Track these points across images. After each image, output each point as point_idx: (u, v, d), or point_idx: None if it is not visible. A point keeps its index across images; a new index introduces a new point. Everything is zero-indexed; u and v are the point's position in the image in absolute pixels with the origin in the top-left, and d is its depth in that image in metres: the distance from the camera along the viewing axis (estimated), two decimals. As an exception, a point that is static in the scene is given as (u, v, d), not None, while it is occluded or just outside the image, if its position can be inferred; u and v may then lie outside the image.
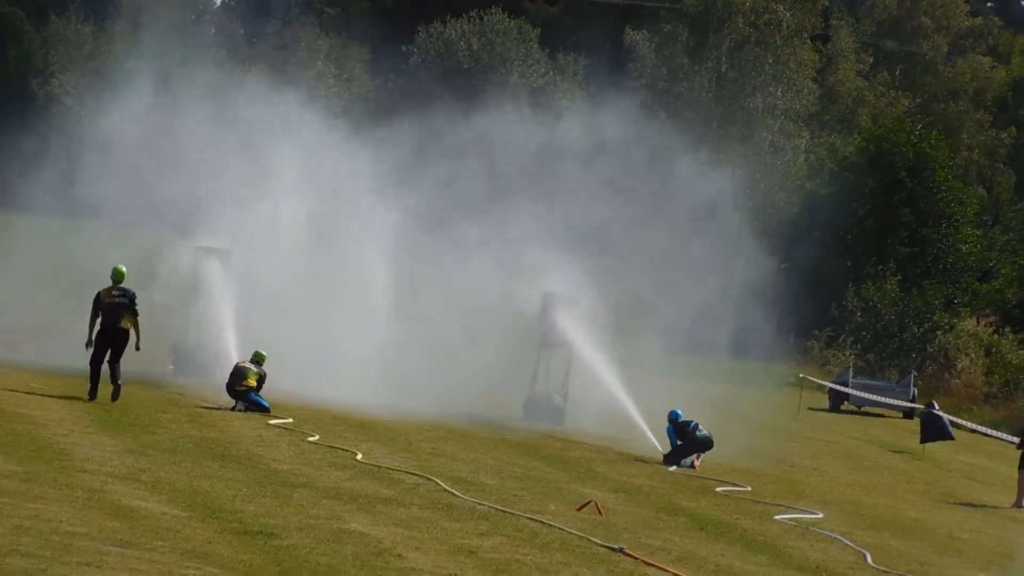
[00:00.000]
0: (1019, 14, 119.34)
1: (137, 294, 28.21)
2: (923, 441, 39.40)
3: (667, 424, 29.86)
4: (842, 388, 51.49)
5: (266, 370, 29.83)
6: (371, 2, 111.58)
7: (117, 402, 27.51)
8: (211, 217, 35.55)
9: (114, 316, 27.85)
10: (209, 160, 36.36)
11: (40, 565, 13.74)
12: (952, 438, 39.10)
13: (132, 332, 27.94)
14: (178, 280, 35.54)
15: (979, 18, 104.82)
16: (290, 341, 33.45)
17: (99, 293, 28.11)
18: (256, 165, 36.87)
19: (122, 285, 28.17)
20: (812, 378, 53.62)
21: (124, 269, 28.39)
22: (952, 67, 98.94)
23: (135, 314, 27.94)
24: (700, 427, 29.67)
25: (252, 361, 29.96)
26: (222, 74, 40.57)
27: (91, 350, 27.96)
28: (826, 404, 52.21)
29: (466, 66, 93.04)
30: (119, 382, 27.75)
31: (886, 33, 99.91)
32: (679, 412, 29.85)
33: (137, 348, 28.11)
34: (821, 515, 24.97)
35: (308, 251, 36.79)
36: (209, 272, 35.29)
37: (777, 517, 24.18)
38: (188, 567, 14.57)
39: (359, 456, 24.54)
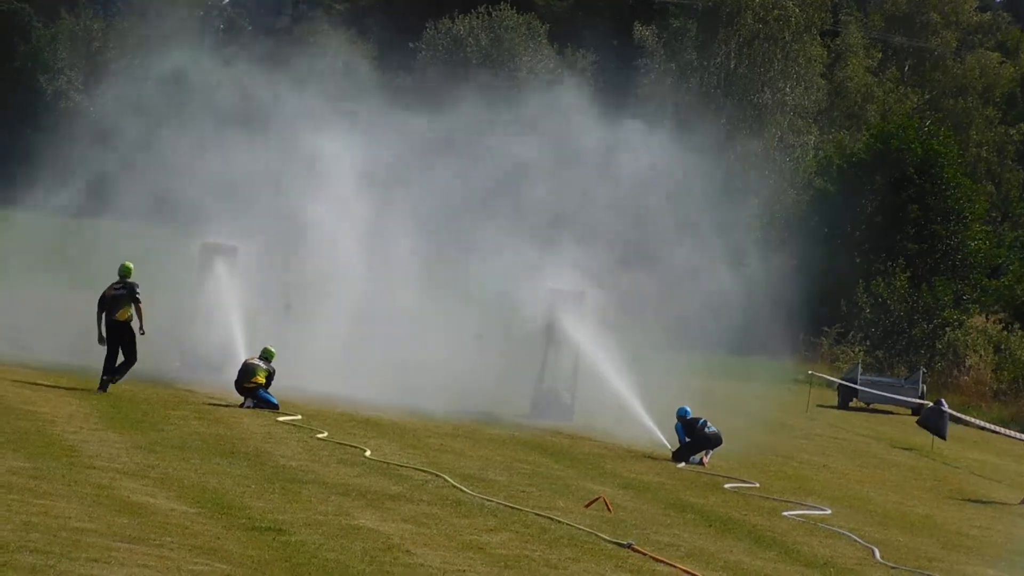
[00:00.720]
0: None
1: (139, 285, 28.64)
2: (919, 423, 39.53)
3: (675, 421, 29.86)
4: (851, 385, 51.43)
5: (275, 367, 29.87)
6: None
7: (125, 399, 27.60)
8: (218, 214, 35.54)
9: (113, 309, 28.42)
10: (216, 156, 36.36)
11: (48, 561, 13.75)
12: (944, 439, 39.05)
13: (135, 320, 28.37)
14: (185, 276, 35.60)
15: (988, 13, 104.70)
16: (298, 338, 33.49)
17: (104, 291, 28.73)
18: (263, 162, 36.88)
19: (128, 280, 28.52)
20: (821, 375, 53.57)
21: (131, 265, 28.87)
22: (961, 63, 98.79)
23: (137, 301, 28.40)
24: (709, 424, 29.66)
25: (261, 358, 29.99)
26: (230, 69, 40.45)
27: (104, 346, 28.42)
28: (835, 401, 52.14)
29: (475, 62, 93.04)
30: (116, 378, 28.38)
31: (895, 29, 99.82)
32: (688, 409, 29.83)
33: (141, 332, 28.45)
34: (829, 511, 24.96)
35: (313, 249, 36.80)
36: (215, 269, 35.32)
37: (785, 513, 24.17)
38: (197, 563, 14.58)
39: (368, 453, 24.55)
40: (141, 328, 28.43)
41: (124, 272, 28.71)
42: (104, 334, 28.42)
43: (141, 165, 36.31)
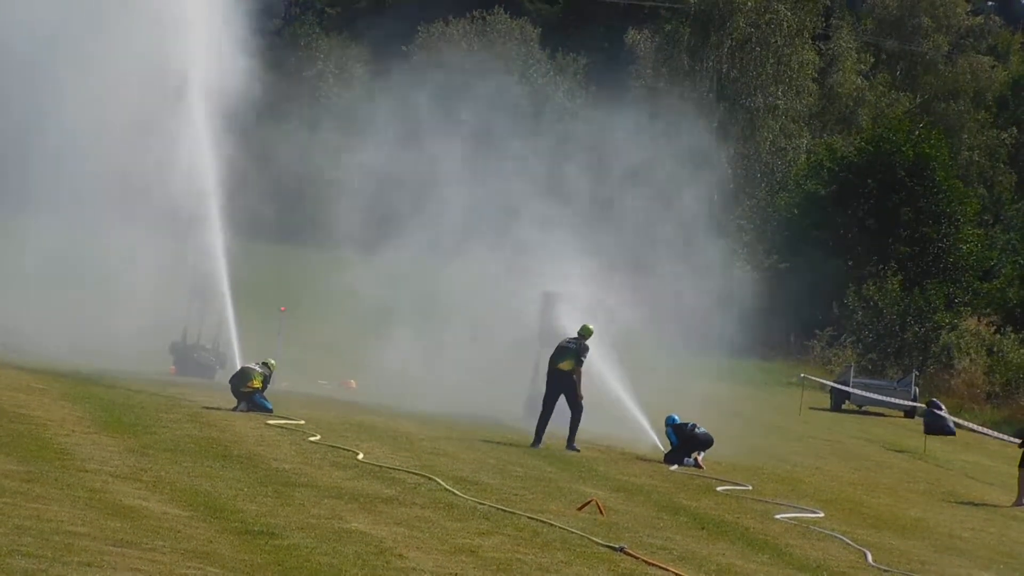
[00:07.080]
0: (1019, 13, 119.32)
1: (589, 350, 29.77)
2: (927, 432, 39.56)
3: (665, 427, 29.90)
4: (843, 387, 51.49)
5: (271, 371, 29.75)
6: (372, 2, 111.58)
7: (118, 402, 27.62)
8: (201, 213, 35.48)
9: (557, 358, 29.75)
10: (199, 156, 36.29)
11: (41, 565, 13.73)
12: (953, 433, 39.13)
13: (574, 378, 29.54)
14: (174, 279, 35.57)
15: (979, 17, 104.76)
16: (293, 341, 33.52)
17: (560, 342, 30.24)
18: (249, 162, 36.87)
19: (580, 338, 29.77)
20: (813, 377, 53.61)
21: (592, 328, 30.11)
22: (952, 67, 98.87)
23: (579, 363, 29.54)
24: (698, 426, 29.71)
25: (259, 364, 29.86)
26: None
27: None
28: (827, 403, 52.20)
29: (467, 66, 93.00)
30: (571, 443, 29.42)
31: (887, 33, 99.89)
32: (675, 416, 29.89)
33: (580, 397, 29.50)
34: (822, 514, 24.97)
35: (305, 249, 36.83)
36: (208, 272, 35.30)
37: (778, 516, 24.17)
38: (189, 567, 14.57)
39: (360, 456, 24.53)
40: (577, 398, 29.44)
41: (583, 332, 29.92)
42: (547, 380, 29.86)
43: (122, 164, 36.04)
